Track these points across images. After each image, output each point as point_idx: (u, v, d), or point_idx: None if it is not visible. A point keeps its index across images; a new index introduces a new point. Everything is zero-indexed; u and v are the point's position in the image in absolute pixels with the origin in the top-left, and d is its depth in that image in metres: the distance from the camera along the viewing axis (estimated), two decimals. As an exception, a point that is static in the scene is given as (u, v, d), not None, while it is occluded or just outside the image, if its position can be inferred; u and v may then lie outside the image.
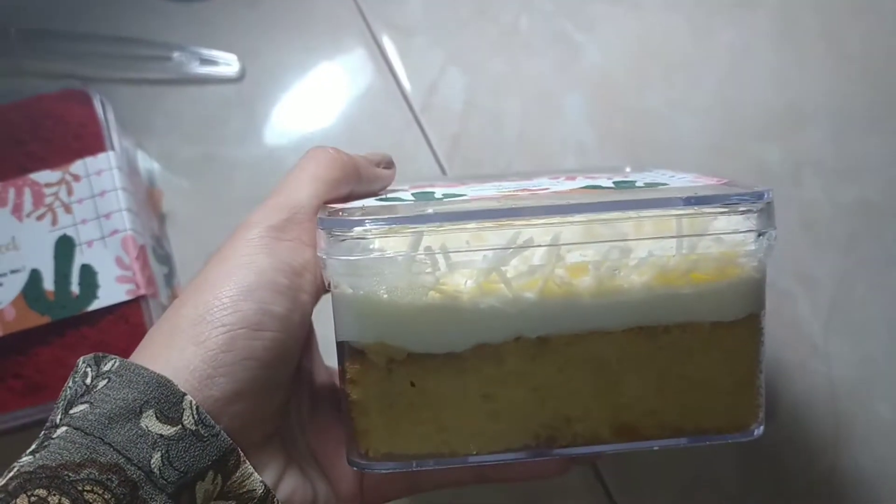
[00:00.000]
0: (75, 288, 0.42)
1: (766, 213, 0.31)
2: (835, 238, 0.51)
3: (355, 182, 0.35)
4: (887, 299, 0.51)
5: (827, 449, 0.49)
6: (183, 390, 0.27)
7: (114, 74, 0.53)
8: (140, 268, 0.43)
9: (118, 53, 0.53)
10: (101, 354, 0.29)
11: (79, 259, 0.43)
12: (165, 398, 0.27)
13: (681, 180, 0.36)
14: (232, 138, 0.53)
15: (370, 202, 0.34)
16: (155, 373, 0.27)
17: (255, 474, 0.29)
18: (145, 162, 0.51)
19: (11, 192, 0.43)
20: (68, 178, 0.44)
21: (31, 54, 0.53)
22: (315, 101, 0.54)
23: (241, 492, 0.28)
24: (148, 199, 0.49)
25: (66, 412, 0.27)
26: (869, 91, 0.53)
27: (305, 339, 0.34)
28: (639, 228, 0.30)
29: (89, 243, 0.43)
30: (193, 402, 0.27)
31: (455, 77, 0.54)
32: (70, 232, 0.43)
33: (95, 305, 0.42)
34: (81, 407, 0.27)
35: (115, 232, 0.43)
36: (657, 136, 0.53)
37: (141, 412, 0.26)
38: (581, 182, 0.37)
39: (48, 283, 0.42)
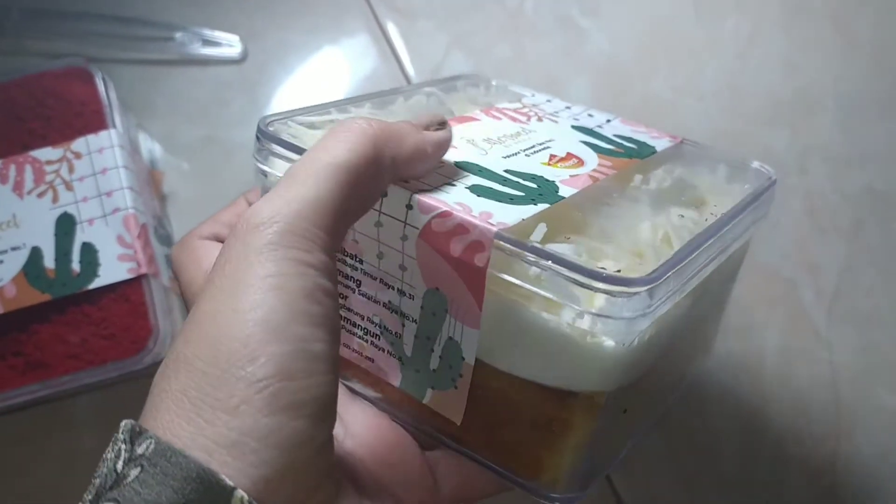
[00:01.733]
0: (76, 266, 0.42)
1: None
2: (840, 226, 0.51)
3: (397, 157, 0.27)
4: (892, 288, 0.50)
5: (829, 436, 0.49)
6: (230, 482, 0.21)
7: (115, 54, 0.53)
8: (142, 246, 0.42)
9: (120, 33, 0.53)
10: (138, 427, 0.23)
11: (80, 237, 0.42)
12: (209, 496, 0.21)
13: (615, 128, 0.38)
14: (233, 120, 0.53)
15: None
16: (196, 462, 0.21)
17: None
18: (146, 143, 0.51)
19: (12, 170, 0.43)
20: (69, 155, 0.44)
21: (34, 34, 0.52)
22: (317, 84, 0.54)
23: None
24: (149, 180, 0.48)
25: None
26: (877, 78, 0.53)
27: None
28: None
29: (90, 221, 0.43)
30: (245, 499, 0.21)
31: (459, 61, 0.54)
32: (71, 209, 0.43)
33: (96, 283, 0.42)
34: None
35: (117, 210, 0.43)
36: (663, 122, 0.53)
37: None
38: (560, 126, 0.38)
39: (49, 261, 0.42)
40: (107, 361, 0.42)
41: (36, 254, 0.42)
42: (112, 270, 0.42)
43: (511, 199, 0.29)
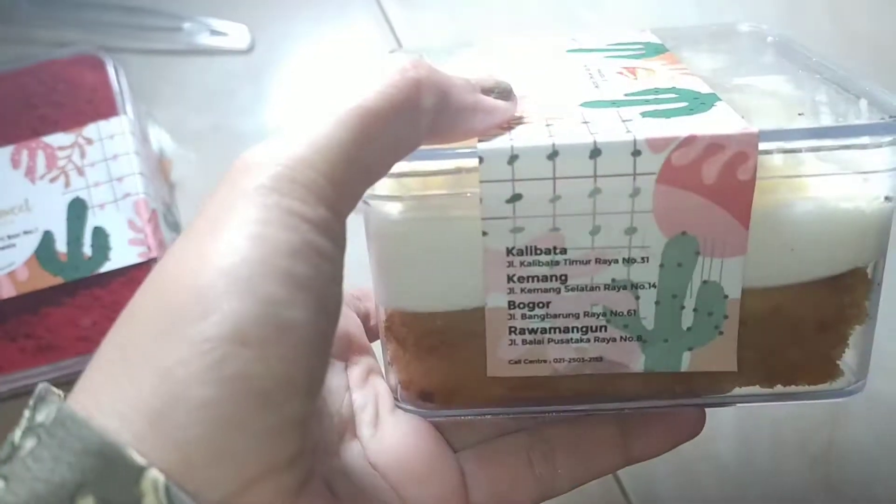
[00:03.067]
0: (87, 250, 0.43)
1: None
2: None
3: (441, 111, 0.23)
4: (888, 276, 0.51)
5: (825, 424, 0.49)
6: (141, 460, 0.17)
7: (124, 44, 0.54)
8: (152, 231, 0.43)
9: (128, 23, 0.54)
10: (44, 390, 0.19)
11: (91, 221, 0.43)
12: (112, 474, 0.17)
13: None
14: (240, 109, 0.53)
15: None
16: (99, 433, 0.17)
17: None
18: (155, 131, 0.52)
19: (24, 155, 0.44)
20: (81, 141, 0.44)
21: (43, 23, 0.53)
22: (324, 74, 0.55)
23: None
24: (158, 168, 0.49)
25: None
26: (875, 70, 0.54)
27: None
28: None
29: (102, 206, 0.43)
30: (161, 482, 0.17)
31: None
32: (83, 194, 0.43)
33: (107, 267, 0.42)
34: None
35: (128, 195, 0.43)
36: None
37: (74, 500, 0.17)
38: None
39: (61, 245, 0.43)
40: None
41: (48, 238, 0.43)
42: (123, 254, 0.43)
43: (691, 109, 0.25)
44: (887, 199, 0.25)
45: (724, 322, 0.26)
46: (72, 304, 0.43)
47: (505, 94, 0.26)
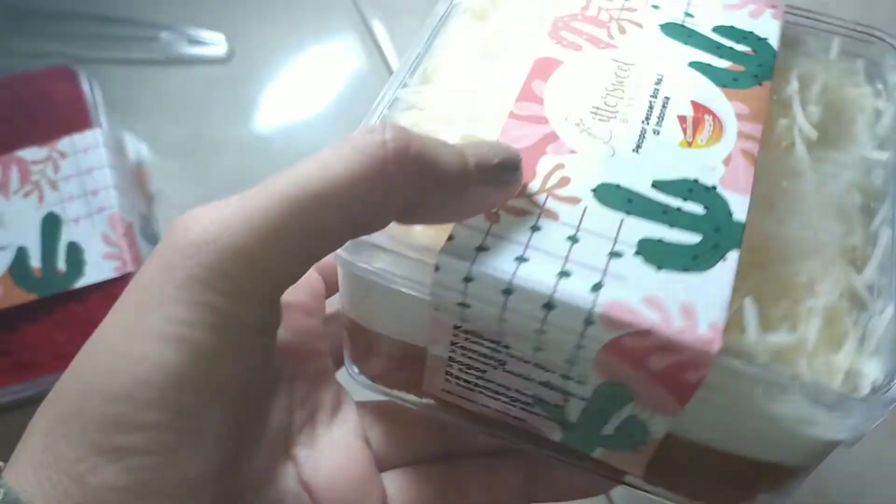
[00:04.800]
0: (62, 265, 0.42)
1: None
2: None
3: (417, 194, 0.21)
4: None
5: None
6: None
7: (101, 54, 0.53)
8: (127, 245, 0.43)
9: (105, 34, 0.53)
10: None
11: (65, 236, 0.43)
12: None
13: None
14: (219, 119, 0.53)
15: None
16: None
17: None
18: (133, 142, 0.51)
19: (-2, 170, 0.43)
20: (55, 155, 0.44)
21: (18, 34, 0.52)
22: (303, 83, 0.54)
23: None
24: (135, 179, 0.49)
25: None
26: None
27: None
28: None
29: (76, 220, 0.43)
30: None
31: (444, 58, 0.54)
32: (57, 209, 0.43)
33: (82, 282, 0.42)
34: None
35: (102, 209, 0.43)
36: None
37: None
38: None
39: (35, 261, 0.42)
40: (94, 360, 0.42)
41: (22, 253, 0.42)
42: (98, 269, 0.42)
43: (694, 257, 0.23)
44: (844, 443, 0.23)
45: (641, 446, 0.25)
46: (48, 320, 0.42)
47: (509, 170, 0.22)
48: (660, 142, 0.26)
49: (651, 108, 0.27)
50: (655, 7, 0.30)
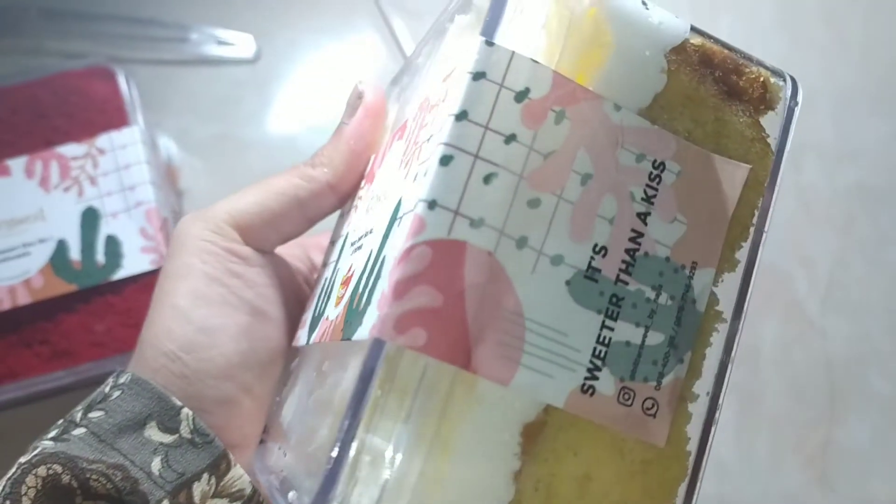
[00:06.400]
0: (101, 257, 0.44)
1: None
2: (833, 219, 0.53)
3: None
4: (882, 278, 0.52)
5: (822, 422, 0.50)
6: (179, 403, 0.30)
7: (132, 55, 0.54)
8: (163, 239, 0.44)
9: (136, 34, 0.55)
10: (121, 368, 0.32)
11: (104, 230, 0.44)
12: (165, 411, 0.30)
13: None
14: (246, 118, 0.54)
15: None
16: (157, 388, 0.30)
17: (245, 476, 0.31)
18: (163, 140, 0.53)
19: (38, 165, 0.45)
20: (94, 151, 0.45)
21: (51, 34, 0.54)
22: (327, 83, 0.56)
23: (232, 491, 0.31)
24: (167, 176, 0.50)
25: (86, 414, 0.30)
26: (868, 76, 0.55)
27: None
28: None
29: (114, 214, 0.44)
30: (190, 415, 0.30)
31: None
32: (95, 203, 0.44)
33: (120, 275, 0.43)
34: (98, 413, 0.30)
35: (140, 204, 0.44)
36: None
37: (145, 423, 0.29)
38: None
39: (74, 253, 0.44)
40: (130, 349, 0.43)
41: (62, 246, 0.44)
42: (135, 262, 0.44)
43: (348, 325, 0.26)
44: None
45: None
46: (86, 310, 0.44)
47: (353, 96, 0.35)
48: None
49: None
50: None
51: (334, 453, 0.21)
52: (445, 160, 0.22)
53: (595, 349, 0.23)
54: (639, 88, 0.25)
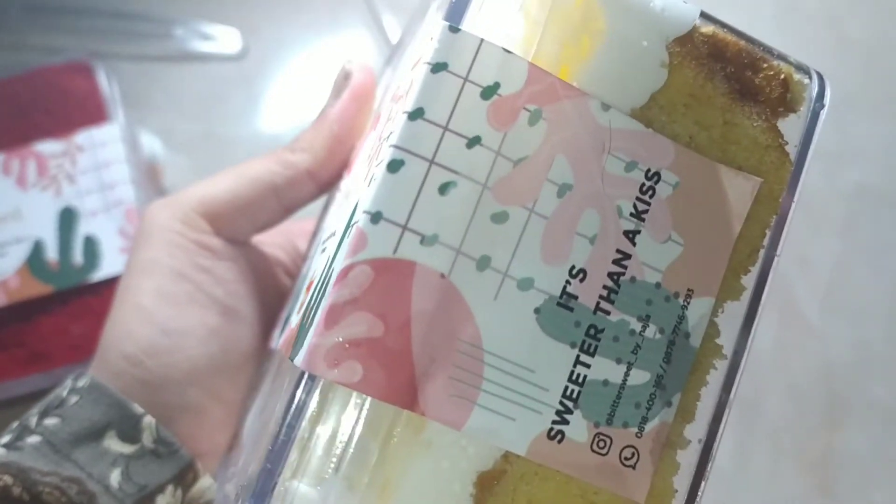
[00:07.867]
0: (78, 258, 0.42)
1: None
2: (832, 222, 0.52)
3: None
4: (883, 282, 0.51)
5: (822, 429, 0.49)
6: (140, 410, 0.28)
7: (115, 50, 0.53)
8: (143, 239, 0.43)
9: (120, 29, 0.53)
10: (80, 371, 0.29)
11: (82, 230, 0.43)
12: (125, 419, 0.28)
13: None
14: (232, 115, 0.53)
15: None
16: (116, 395, 0.28)
17: (214, 485, 0.29)
18: (146, 138, 0.51)
19: (16, 163, 0.44)
20: (72, 149, 0.44)
21: (34, 29, 0.53)
22: (315, 79, 0.54)
23: (200, 503, 0.29)
24: (149, 174, 0.49)
25: (41, 419, 0.28)
26: (868, 76, 0.54)
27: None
28: None
29: (93, 214, 0.43)
30: (153, 423, 0.28)
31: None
32: (74, 202, 0.43)
33: (98, 276, 0.42)
34: (54, 420, 0.28)
35: (119, 203, 0.43)
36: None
37: (104, 432, 0.28)
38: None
39: (52, 253, 0.42)
40: (109, 353, 0.42)
41: (39, 246, 0.43)
42: (114, 262, 0.42)
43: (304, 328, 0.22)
44: None
45: None
46: (63, 312, 0.43)
47: (339, 78, 0.32)
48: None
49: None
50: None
51: None
52: (394, 166, 0.19)
53: (566, 388, 0.20)
54: (633, 85, 0.21)
